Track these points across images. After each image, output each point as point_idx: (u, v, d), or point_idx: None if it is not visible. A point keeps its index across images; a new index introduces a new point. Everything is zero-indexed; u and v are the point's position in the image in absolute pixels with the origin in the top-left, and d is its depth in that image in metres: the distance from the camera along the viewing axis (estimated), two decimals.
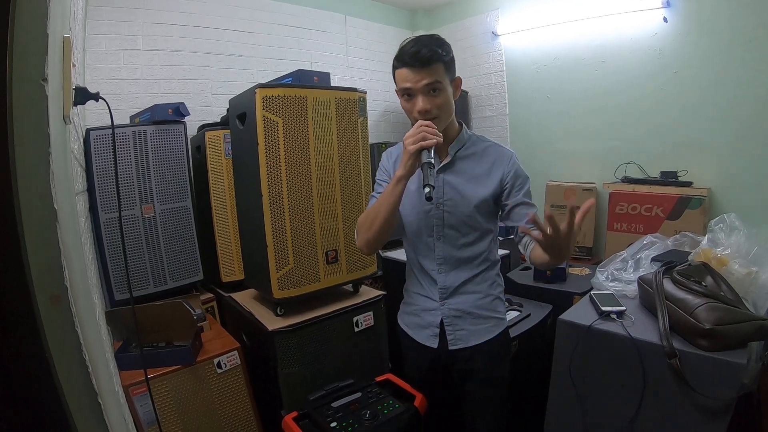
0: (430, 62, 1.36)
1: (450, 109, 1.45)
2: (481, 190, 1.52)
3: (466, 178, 1.53)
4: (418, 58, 1.35)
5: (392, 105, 3.82)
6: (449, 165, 1.54)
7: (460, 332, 1.59)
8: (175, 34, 2.61)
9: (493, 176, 1.52)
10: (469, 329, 1.59)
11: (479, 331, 1.59)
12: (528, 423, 1.98)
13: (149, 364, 1.63)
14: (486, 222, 1.56)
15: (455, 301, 1.58)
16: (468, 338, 1.59)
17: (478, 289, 1.58)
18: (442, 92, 1.40)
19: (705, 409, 1.42)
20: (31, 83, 0.74)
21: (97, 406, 0.85)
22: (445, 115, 1.44)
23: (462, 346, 1.59)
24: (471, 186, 1.52)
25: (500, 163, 1.53)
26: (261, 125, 1.74)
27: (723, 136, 2.47)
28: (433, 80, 1.37)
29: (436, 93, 1.39)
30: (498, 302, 1.64)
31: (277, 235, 1.81)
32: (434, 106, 1.39)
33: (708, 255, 1.81)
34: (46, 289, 0.72)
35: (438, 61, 1.37)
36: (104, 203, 1.89)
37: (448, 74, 1.41)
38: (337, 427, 1.63)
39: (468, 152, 1.55)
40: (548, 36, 3.15)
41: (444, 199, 1.53)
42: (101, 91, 1.29)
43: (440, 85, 1.38)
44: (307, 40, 3.26)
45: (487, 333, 1.60)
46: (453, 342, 1.60)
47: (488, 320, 1.60)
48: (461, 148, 1.55)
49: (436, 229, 1.55)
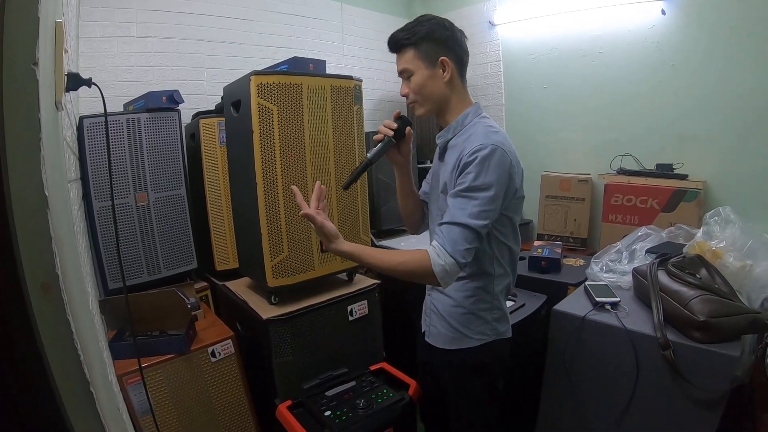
0: (398, 49, 1.40)
1: (427, 92, 1.40)
2: (443, 182, 1.42)
3: (443, 169, 1.44)
4: (390, 45, 1.42)
5: (388, 93, 3.80)
6: (439, 154, 1.51)
7: (432, 328, 1.55)
8: (170, 21, 2.57)
9: (454, 168, 1.34)
10: (438, 329, 1.52)
11: (443, 336, 1.50)
12: (522, 412, 1.99)
13: (143, 353, 1.62)
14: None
15: (436, 296, 1.54)
16: (436, 337, 1.53)
17: (452, 295, 1.47)
18: (414, 77, 1.39)
19: (698, 400, 1.43)
20: (22, 67, 0.73)
21: (90, 396, 0.85)
22: (421, 99, 1.41)
23: (431, 342, 1.55)
24: (441, 178, 1.44)
25: (462, 154, 1.32)
26: (256, 113, 1.72)
27: (719, 129, 2.47)
28: (401, 68, 1.41)
29: (408, 79, 1.41)
30: (471, 319, 1.45)
31: (272, 223, 1.80)
32: (409, 90, 1.41)
33: (703, 247, 1.82)
34: (36, 277, 0.71)
35: (405, 47, 1.38)
36: (98, 191, 1.87)
37: (422, 58, 1.37)
38: (331, 415, 1.64)
39: (455, 142, 1.42)
40: (545, 26, 3.13)
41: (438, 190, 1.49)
42: (94, 78, 1.26)
43: (409, 72, 1.39)
44: (303, 27, 3.22)
45: (449, 343, 1.49)
46: (427, 334, 1.58)
47: (454, 331, 1.47)
48: (453, 137, 1.43)
49: (436, 220, 1.50)
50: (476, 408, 1.53)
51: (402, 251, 1.34)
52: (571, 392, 1.74)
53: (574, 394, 1.74)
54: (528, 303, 2.12)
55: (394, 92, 3.82)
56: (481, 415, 1.54)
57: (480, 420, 1.54)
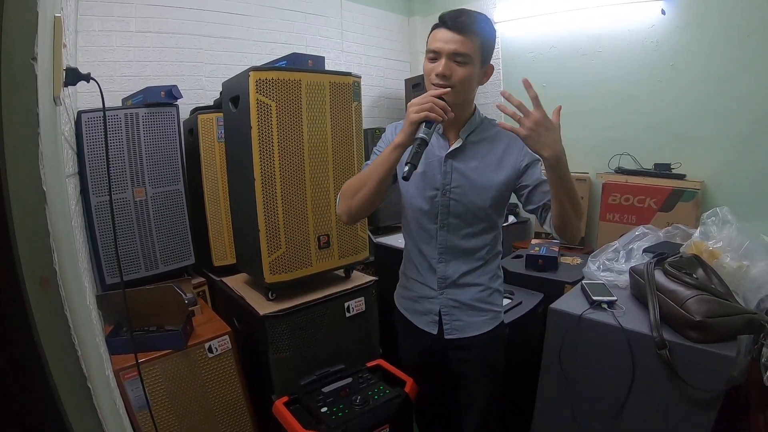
0: (467, 32, 1.29)
1: (470, 87, 1.37)
2: (494, 177, 1.45)
3: (476, 165, 1.45)
4: (457, 23, 1.29)
5: (387, 90, 3.79)
6: (459, 150, 1.46)
7: (457, 323, 1.56)
8: (169, 16, 2.57)
9: (505, 162, 1.44)
10: (466, 320, 1.56)
11: (476, 323, 1.56)
12: (518, 410, 1.99)
13: (140, 348, 1.62)
14: (495, 212, 1.50)
15: (454, 292, 1.55)
16: (464, 329, 1.56)
17: (478, 281, 1.54)
18: (468, 66, 1.31)
19: (693, 400, 1.44)
20: (20, 62, 0.72)
21: (87, 390, 0.85)
22: (462, 90, 1.34)
23: (457, 336, 1.57)
24: (483, 173, 1.44)
25: (513, 148, 1.44)
26: (254, 108, 1.72)
27: (718, 129, 2.47)
28: (462, 49, 1.29)
29: (461, 63, 1.31)
30: (496, 295, 1.59)
31: (269, 219, 1.80)
32: (455, 74, 1.31)
33: (700, 248, 1.82)
34: (34, 272, 0.71)
35: (476, 35, 1.30)
36: (95, 186, 1.86)
37: (482, 54, 1.34)
38: (327, 412, 1.64)
39: (480, 137, 1.47)
40: (545, 25, 3.12)
41: (451, 186, 1.46)
42: (93, 73, 1.26)
43: (468, 59, 1.30)
44: (302, 23, 3.22)
45: (484, 326, 1.56)
46: (449, 332, 1.57)
47: (486, 313, 1.56)
48: (472, 132, 1.47)
49: (440, 217, 1.49)
50: (496, 387, 1.67)
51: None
52: (567, 390, 1.75)
53: (570, 393, 1.74)
54: (525, 301, 2.12)
55: (392, 89, 3.82)
56: (499, 385, 1.68)
57: (496, 391, 1.68)
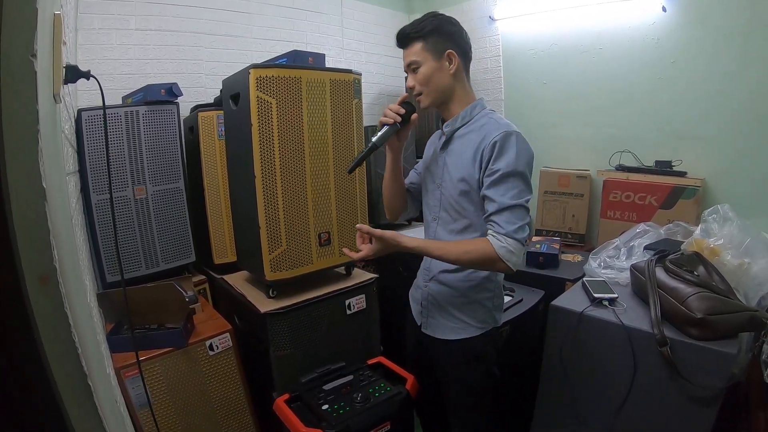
0: (407, 42, 1.46)
1: (433, 84, 1.46)
2: (462, 171, 1.44)
3: (454, 159, 1.49)
4: (399, 40, 1.48)
5: (387, 88, 3.78)
6: (447, 144, 1.52)
7: (431, 320, 1.58)
8: (169, 13, 2.56)
9: (476, 156, 1.40)
10: (439, 320, 1.56)
11: (445, 327, 1.54)
12: (519, 407, 2.00)
13: (141, 346, 1.62)
14: (474, 212, 1.45)
15: (434, 287, 1.56)
16: (435, 328, 1.57)
17: (456, 285, 1.51)
18: (421, 69, 1.44)
19: (695, 397, 1.44)
20: (20, 58, 0.72)
21: (88, 388, 0.85)
22: (428, 91, 1.46)
23: (430, 333, 1.58)
24: (458, 166, 1.46)
25: (482, 143, 1.39)
26: (254, 106, 1.71)
27: (718, 127, 2.46)
28: (409, 60, 1.46)
29: (415, 71, 1.46)
30: (474, 307, 1.51)
31: (270, 216, 1.80)
32: (416, 82, 1.46)
33: (701, 245, 1.82)
34: (34, 269, 0.70)
35: (414, 40, 1.44)
36: (96, 184, 1.86)
37: (430, 50, 1.43)
38: (328, 409, 1.64)
39: (466, 131, 1.48)
40: (546, 22, 3.11)
41: (442, 180, 1.52)
42: (93, 71, 1.25)
43: (416, 64, 1.44)
44: (302, 21, 3.21)
45: (452, 333, 1.52)
46: (425, 326, 1.60)
47: (457, 321, 1.52)
48: (461, 126, 1.48)
49: (434, 210, 1.55)
50: (476, 396, 1.58)
51: (464, 241, 1.42)
52: (568, 387, 1.75)
53: (571, 390, 1.74)
54: (526, 298, 2.12)
55: (392, 86, 3.81)
56: (480, 402, 1.59)
57: (479, 407, 1.59)
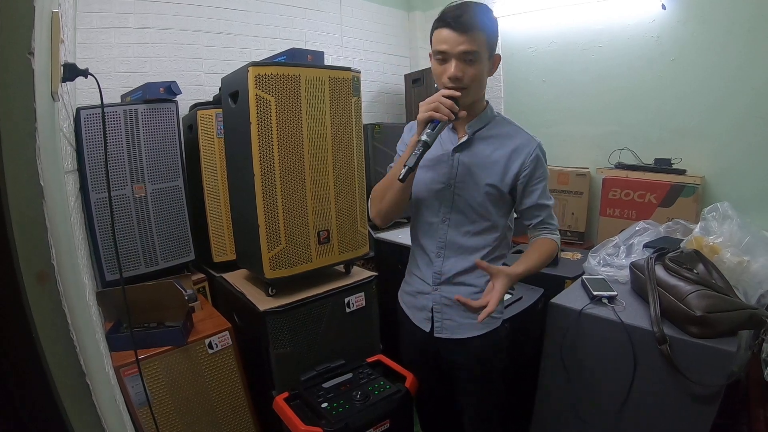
0: (472, 29, 1.28)
1: (481, 83, 1.37)
2: (493, 177, 1.41)
3: (479, 161, 1.43)
4: (460, 22, 1.27)
5: (386, 86, 3.78)
6: (465, 144, 1.45)
7: (448, 322, 1.52)
8: (167, 11, 2.56)
9: (509, 165, 1.41)
10: (458, 321, 1.51)
11: (468, 325, 1.50)
12: (519, 405, 2.00)
13: (140, 344, 1.62)
14: (497, 213, 1.45)
15: (448, 289, 1.50)
16: (454, 330, 1.52)
17: (475, 283, 1.49)
18: (478, 63, 1.31)
19: (694, 395, 1.44)
20: (17, 56, 0.72)
21: (86, 387, 0.85)
22: (475, 88, 1.35)
23: (447, 336, 1.53)
24: (483, 170, 1.42)
25: (520, 153, 1.41)
26: (253, 104, 1.71)
27: (718, 125, 2.46)
28: (471, 48, 1.28)
29: (471, 62, 1.30)
30: None
31: (269, 215, 1.80)
32: (467, 75, 1.31)
33: (700, 243, 1.82)
34: (32, 267, 0.70)
35: (481, 30, 1.29)
36: (95, 183, 1.86)
37: (489, 47, 1.33)
38: (328, 407, 1.64)
39: (489, 134, 1.45)
40: (545, 19, 3.11)
41: (456, 181, 1.44)
42: (91, 69, 1.25)
43: (478, 56, 1.30)
44: (301, 19, 3.21)
45: (476, 329, 1.49)
46: (439, 330, 1.54)
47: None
48: (482, 128, 1.45)
49: (443, 211, 1.48)
50: (495, 388, 1.59)
51: (540, 246, 1.46)
52: (568, 385, 1.75)
53: (571, 388, 1.74)
54: (525, 296, 2.12)
55: (392, 84, 3.80)
56: (496, 394, 1.61)
57: (495, 399, 1.61)
